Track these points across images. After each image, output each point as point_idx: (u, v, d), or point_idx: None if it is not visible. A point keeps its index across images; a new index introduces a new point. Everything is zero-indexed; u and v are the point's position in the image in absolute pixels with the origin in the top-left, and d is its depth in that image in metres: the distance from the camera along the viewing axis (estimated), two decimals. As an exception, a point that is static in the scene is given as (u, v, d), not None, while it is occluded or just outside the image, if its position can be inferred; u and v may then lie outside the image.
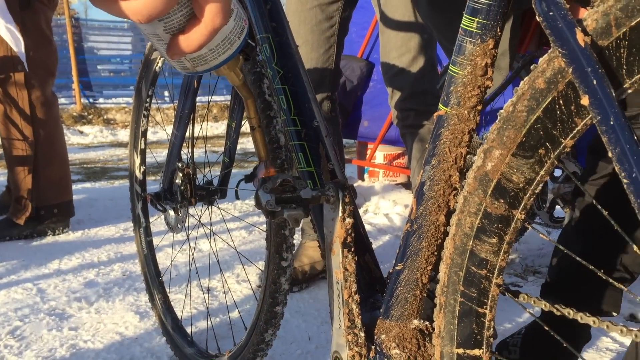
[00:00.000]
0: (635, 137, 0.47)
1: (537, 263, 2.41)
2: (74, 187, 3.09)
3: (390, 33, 1.87)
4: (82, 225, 2.99)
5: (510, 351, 1.42)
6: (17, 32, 2.17)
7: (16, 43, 2.20)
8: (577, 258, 0.64)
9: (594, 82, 0.49)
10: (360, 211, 3.33)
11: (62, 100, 9.43)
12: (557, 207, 2.25)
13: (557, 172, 2.29)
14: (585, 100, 0.50)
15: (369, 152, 3.93)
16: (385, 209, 3.27)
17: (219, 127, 8.98)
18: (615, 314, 1.31)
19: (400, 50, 1.87)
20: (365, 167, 4.09)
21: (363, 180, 4.09)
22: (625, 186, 0.47)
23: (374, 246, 2.72)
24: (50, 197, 2.79)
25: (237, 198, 1.36)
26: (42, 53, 2.68)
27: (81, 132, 8.49)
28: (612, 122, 0.48)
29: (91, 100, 9.97)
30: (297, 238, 2.67)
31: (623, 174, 0.47)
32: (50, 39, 2.75)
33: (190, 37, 0.50)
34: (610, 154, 0.48)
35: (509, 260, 2.46)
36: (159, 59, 1.48)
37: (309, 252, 2.20)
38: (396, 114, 1.96)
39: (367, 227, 2.95)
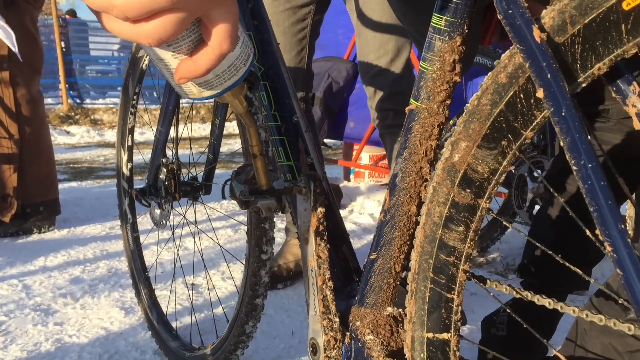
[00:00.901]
0: (586, 128, 0.51)
1: (517, 262, 2.44)
2: (60, 186, 3.10)
3: (368, 35, 1.91)
4: (68, 224, 3.00)
5: (497, 328, 1.45)
6: (7, 26, 2.19)
7: (7, 37, 2.21)
8: (546, 249, 0.67)
9: (549, 76, 0.52)
10: (346, 211, 3.37)
11: (49, 101, 9.40)
12: (537, 206, 2.30)
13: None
14: (540, 93, 0.53)
15: (354, 152, 3.96)
16: (370, 209, 3.31)
17: (207, 129, 8.99)
18: (586, 291, 1.39)
19: (378, 52, 1.92)
20: (351, 168, 4.13)
21: (349, 180, 4.12)
22: (574, 173, 0.50)
23: (358, 245, 2.74)
24: (36, 195, 2.80)
25: (224, 198, 1.39)
26: (27, 51, 2.69)
27: (68, 132, 8.46)
28: (564, 114, 0.51)
29: (78, 100, 9.94)
30: (282, 237, 2.70)
31: (573, 162, 0.50)
32: (36, 37, 2.76)
33: (197, 62, 0.52)
34: (562, 143, 0.52)
35: (490, 259, 2.50)
36: (146, 57, 1.50)
37: (294, 250, 2.23)
38: (375, 114, 2.00)
39: (352, 227, 2.98)
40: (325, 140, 4.22)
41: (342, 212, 3.33)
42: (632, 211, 1.88)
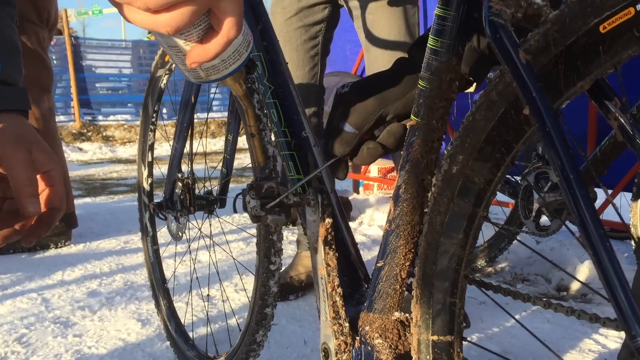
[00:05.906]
0: (567, 142, 0.55)
1: (525, 271, 2.48)
2: (75, 202, 3.17)
3: (377, 51, 1.97)
4: (84, 239, 3.07)
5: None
6: None
7: None
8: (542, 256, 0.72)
9: (533, 94, 0.57)
10: (356, 223, 3.41)
11: (61, 118, 9.53)
12: (543, 216, 2.33)
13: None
14: (526, 110, 0.58)
15: (363, 165, 4.02)
16: (380, 221, 3.35)
17: (217, 144, 9.06)
18: None
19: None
20: (360, 181, 4.18)
21: (358, 193, 4.17)
22: (558, 182, 0.55)
23: (369, 256, 2.78)
24: None
25: (235, 211, 1.44)
26: (34, 71, 2.77)
27: (80, 149, 8.57)
28: (548, 129, 0.56)
29: (90, 117, 10.06)
30: (293, 249, 2.75)
31: (557, 172, 0.55)
32: (43, 57, 2.83)
33: (207, 47, 0.58)
34: (546, 156, 0.56)
35: (498, 268, 2.54)
36: (164, 77, 1.57)
37: (305, 262, 2.28)
38: None
39: (362, 238, 3.03)
40: (335, 154, 4.27)
41: (352, 224, 3.38)
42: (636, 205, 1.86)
